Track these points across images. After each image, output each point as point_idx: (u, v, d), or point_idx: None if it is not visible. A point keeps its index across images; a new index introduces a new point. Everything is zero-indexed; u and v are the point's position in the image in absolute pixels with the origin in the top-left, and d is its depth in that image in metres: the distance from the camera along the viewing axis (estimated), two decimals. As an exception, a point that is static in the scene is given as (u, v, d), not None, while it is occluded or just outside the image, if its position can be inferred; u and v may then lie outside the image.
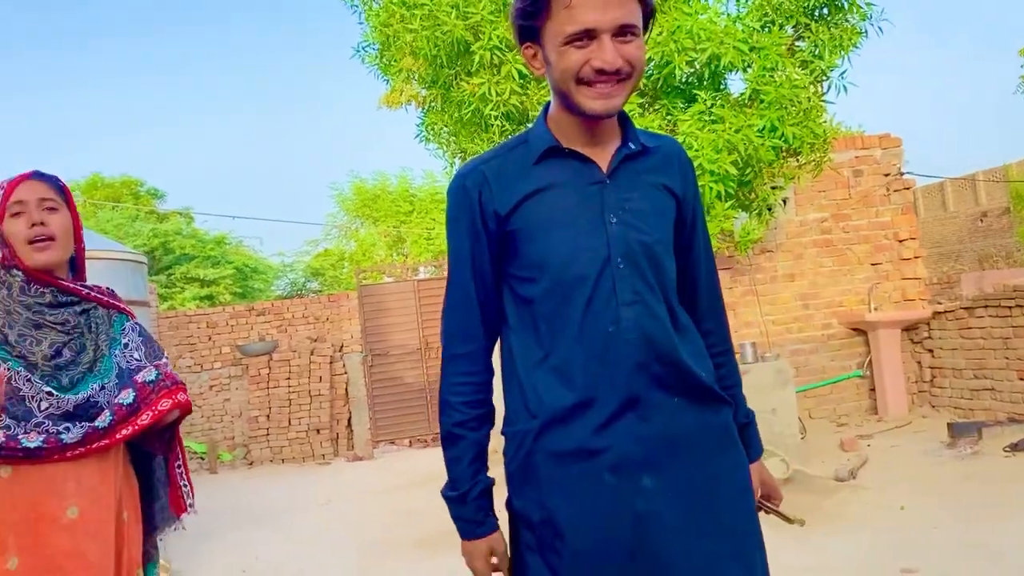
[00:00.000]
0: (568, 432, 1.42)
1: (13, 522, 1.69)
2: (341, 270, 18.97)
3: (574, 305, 1.44)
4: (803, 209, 7.66)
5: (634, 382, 1.42)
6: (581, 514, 1.40)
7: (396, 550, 5.34)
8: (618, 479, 1.40)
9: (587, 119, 1.45)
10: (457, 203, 1.53)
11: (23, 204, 1.87)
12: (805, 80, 5.12)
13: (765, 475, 1.67)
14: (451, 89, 5.60)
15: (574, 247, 1.44)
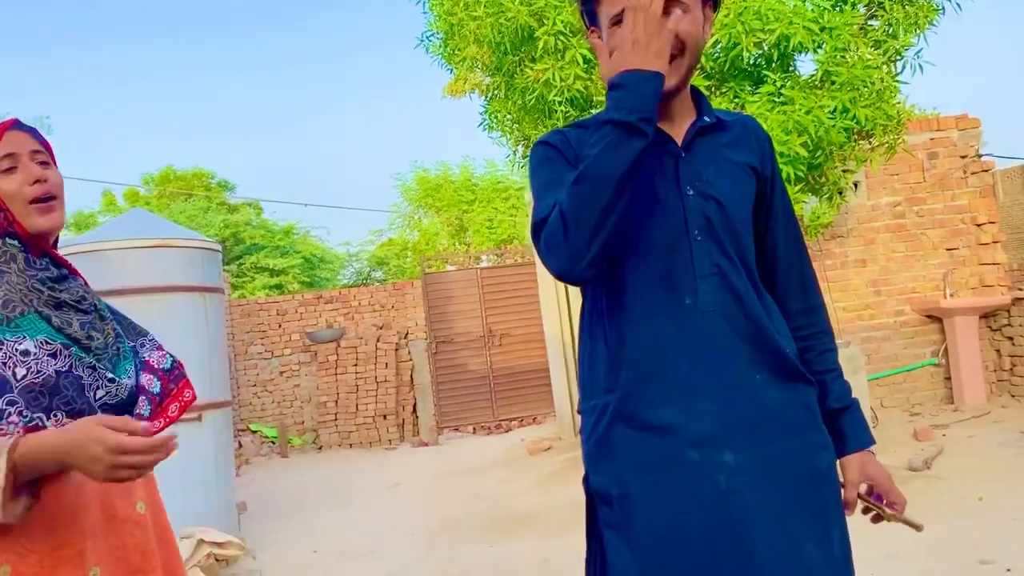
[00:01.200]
0: (646, 407, 1.41)
1: (88, 528, 1.47)
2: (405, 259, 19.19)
3: (651, 277, 1.43)
4: (875, 193, 7.45)
5: (712, 357, 1.40)
6: (661, 489, 1.39)
7: (463, 534, 5.42)
8: (700, 454, 1.38)
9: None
10: (543, 154, 1.50)
11: (15, 158, 1.53)
12: (878, 60, 4.99)
13: (874, 470, 1.55)
14: (515, 76, 5.60)
15: (651, 219, 1.44)
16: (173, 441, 1.37)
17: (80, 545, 1.44)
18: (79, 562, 1.43)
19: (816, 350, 1.56)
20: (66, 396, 1.45)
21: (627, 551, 1.41)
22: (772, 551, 1.36)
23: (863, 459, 1.54)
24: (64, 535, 1.42)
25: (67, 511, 1.44)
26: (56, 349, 1.46)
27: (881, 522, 1.56)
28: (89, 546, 1.45)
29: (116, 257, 4.81)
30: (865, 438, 1.55)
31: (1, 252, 1.52)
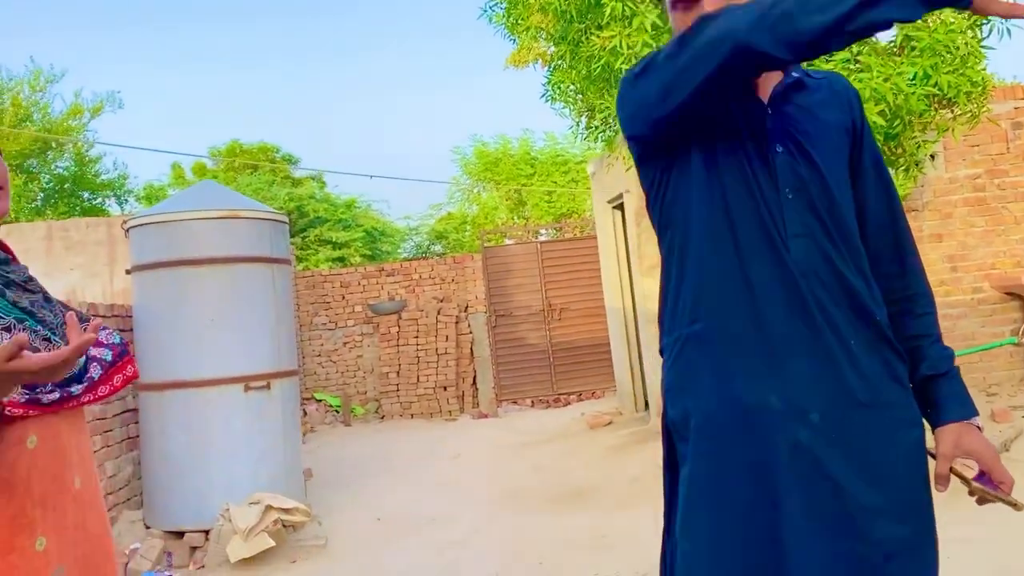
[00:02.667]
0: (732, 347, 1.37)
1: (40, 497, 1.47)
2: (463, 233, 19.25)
3: (740, 233, 1.39)
4: (953, 165, 7.16)
5: (802, 321, 1.35)
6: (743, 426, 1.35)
7: (525, 504, 5.44)
8: (785, 405, 1.34)
9: None
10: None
11: None
12: (962, 24, 4.75)
13: (974, 443, 1.42)
14: (580, 45, 5.50)
15: (741, 174, 1.40)
16: None
17: (32, 514, 1.45)
18: (30, 531, 1.45)
19: (912, 313, 1.48)
20: None
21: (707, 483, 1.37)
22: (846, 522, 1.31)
23: (960, 431, 1.42)
24: (20, 504, 1.44)
25: (20, 481, 1.45)
26: (9, 323, 1.46)
27: (985, 504, 1.44)
28: (39, 516, 1.46)
29: (186, 228, 4.90)
30: (964, 408, 1.43)
31: None
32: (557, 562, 4.18)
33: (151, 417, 4.93)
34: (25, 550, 1.43)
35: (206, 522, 4.74)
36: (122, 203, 19.15)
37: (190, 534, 4.82)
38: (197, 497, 4.77)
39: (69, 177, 17.85)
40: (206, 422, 4.83)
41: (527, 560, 4.25)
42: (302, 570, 4.51)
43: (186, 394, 4.81)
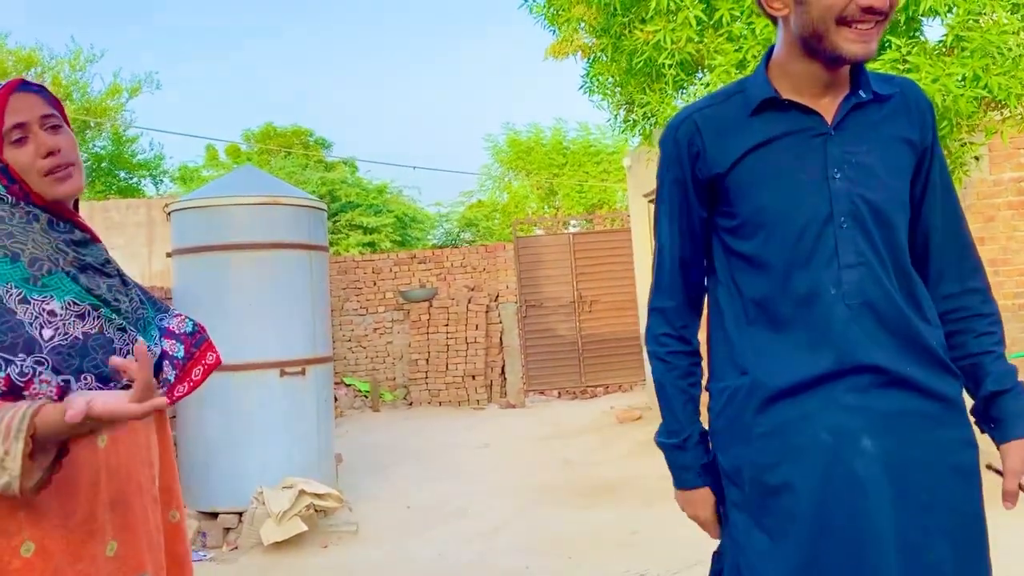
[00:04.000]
0: (782, 394, 1.38)
1: (110, 499, 1.42)
2: (493, 221, 19.24)
3: (790, 265, 1.38)
4: (998, 167, 7.03)
5: (856, 352, 1.35)
6: (795, 472, 1.36)
7: (553, 498, 5.45)
8: (835, 439, 1.34)
9: (834, 65, 1.37)
10: (668, 155, 1.50)
11: (24, 127, 1.44)
12: (1016, 24, 4.65)
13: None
14: (622, 38, 5.47)
15: (794, 203, 1.38)
16: None
17: (102, 519, 1.40)
18: (101, 536, 1.39)
19: (973, 332, 1.47)
20: (95, 359, 1.40)
21: (761, 534, 1.39)
22: (902, 545, 1.31)
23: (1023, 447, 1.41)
24: (89, 508, 1.38)
25: (89, 483, 1.39)
26: (84, 310, 1.41)
27: None
28: (108, 519, 1.41)
29: (227, 213, 4.94)
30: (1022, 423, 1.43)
31: (24, 213, 1.44)
32: (585, 558, 4.19)
33: (188, 399, 4.99)
34: (96, 557, 1.38)
35: (240, 504, 4.80)
36: (157, 183, 19.38)
37: (224, 515, 4.89)
38: (232, 479, 4.83)
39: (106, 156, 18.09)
40: (242, 406, 4.88)
41: (555, 555, 4.26)
42: (333, 555, 4.56)
43: (223, 378, 4.86)
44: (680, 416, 1.51)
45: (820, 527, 1.33)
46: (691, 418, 1.51)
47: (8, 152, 1.44)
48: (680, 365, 1.52)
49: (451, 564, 4.27)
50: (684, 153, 1.46)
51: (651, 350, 1.55)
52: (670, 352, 1.52)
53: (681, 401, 1.51)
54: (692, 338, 1.55)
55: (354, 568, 4.32)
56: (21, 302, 1.36)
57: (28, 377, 1.33)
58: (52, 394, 1.34)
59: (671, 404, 1.52)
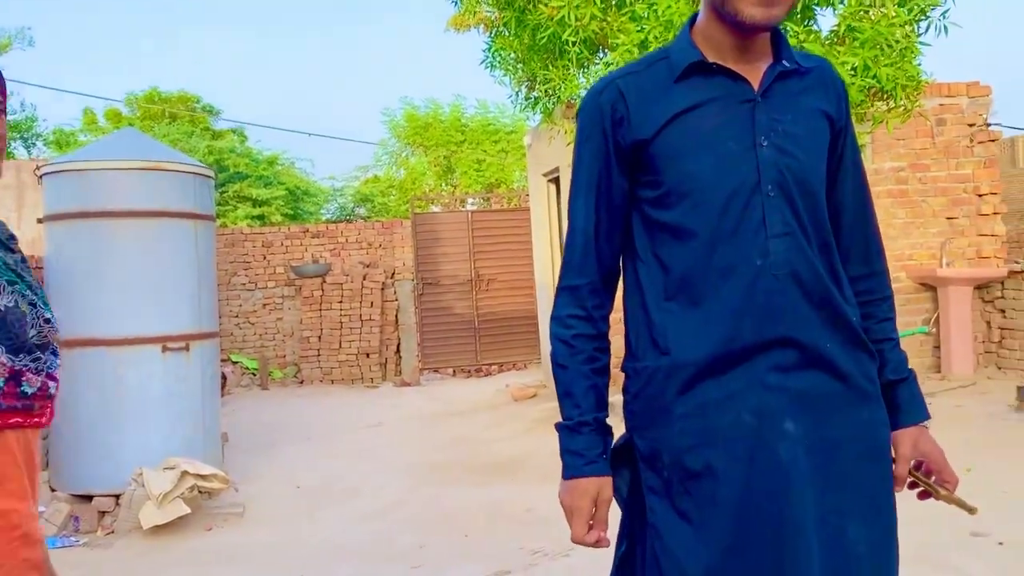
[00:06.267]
0: (703, 372, 1.34)
1: None
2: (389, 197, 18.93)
3: (715, 235, 1.33)
4: (880, 157, 7.36)
5: (780, 323, 1.32)
6: (717, 456, 1.32)
7: (448, 476, 5.39)
8: (759, 421, 1.31)
9: (742, 30, 1.33)
10: (588, 121, 1.43)
11: None
12: (903, 18, 4.84)
13: (928, 446, 1.45)
14: (526, 12, 5.40)
15: (720, 171, 1.33)
16: None
17: None
18: None
19: (877, 317, 1.48)
20: (10, 332, 1.42)
21: (680, 520, 1.35)
22: (820, 524, 1.31)
23: (917, 434, 1.45)
24: None
25: None
26: (1, 285, 1.43)
27: (928, 499, 1.49)
28: None
29: (105, 177, 4.62)
30: (920, 411, 1.47)
31: None
32: (482, 535, 4.15)
33: (59, 375, 4.67)
34: None
35: (118, 487, 4.54)
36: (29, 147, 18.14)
37: (99, 498, 4.61)
38: (108, 461, 4.56)
39: (-30, 115, 16.78)
40: (119, 382, 4.60)
41: (451, 533, 4.21)
42: (218, 538, 4.37)
43: (98, 352, 4.57)
44: (580, 402, 1.42)
45: (743, 512, 1.31)
46: (592, 405, 1.42)
47: None
48: (585, 349, 1.44)
49: (342, 544, 4.15)
50: (607, 119, 1.39)
51: (555, 332, 1.46)
52: (576, 335, 1.44)
53: (583, 387, 1.43)
54: (602, 320, 1.47)
55: (240, 551, 4.14)
56: None
57: None
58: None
59: (571, 389, 1.43)
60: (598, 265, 1.45)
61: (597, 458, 1.42)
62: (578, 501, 1.40)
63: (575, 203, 1.47)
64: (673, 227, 1.37)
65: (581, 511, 1.40)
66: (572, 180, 1.48)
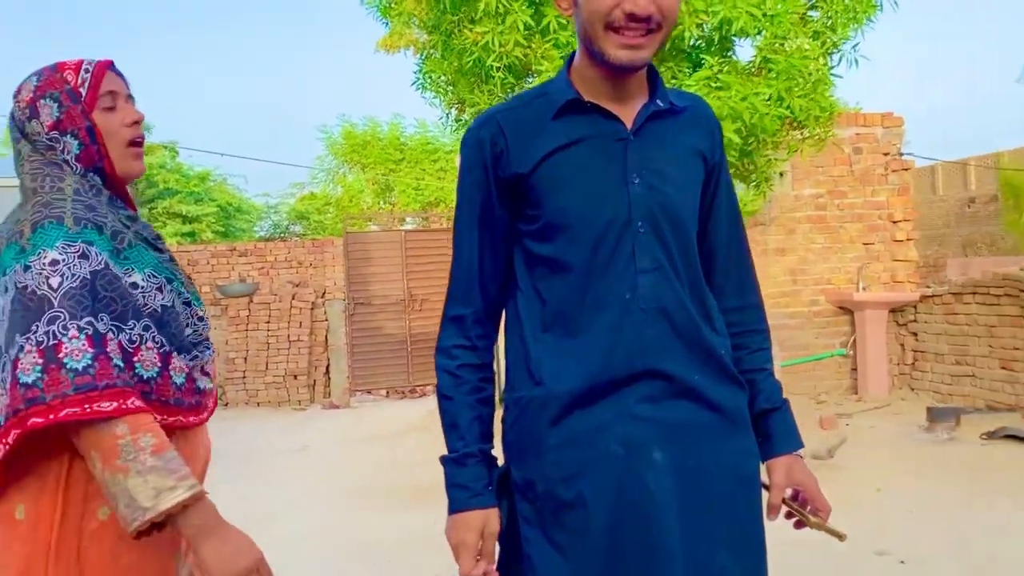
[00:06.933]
0: (574, 403, 1.36)
1: None
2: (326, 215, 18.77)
3: (589, 269, 1.36)
4: (800, 184, 7.58)
5: (648, 356, 1.35)
6: (587, 485, 1.34)
7: (372, 499, 5.32)
8: (627, 451, 1.34)
9: (612, 70, 1.36)
10: (470, 154, 1.45)
11: (115, 96, 1.51)
12: (816, 51, 5.01)
13: (801, 475, 1.48)
14: (452, 36, 5.43)
15: (593, 207, 1.36)
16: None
17: None
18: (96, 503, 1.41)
19: (749, 348, 1.52)
20: (169, 331, 1.46)
21: (553, 550, 1.36)
22: (688, 554, 1.33)
23: (790, 463, 1.49)
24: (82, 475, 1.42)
25: None
26: (161, 283, 1.47)
27: (803, 528, 1.52)
28: None
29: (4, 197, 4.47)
30: (794, 441, 1.51)
31: (90, 186, 1.49)
32: (404, 561, 4.10)
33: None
34: None
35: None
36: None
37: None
38: None
39: None
40: None
41: (370, 559, 4.15)
42: (126, 569, 4.22)
43: None
44: (465, 433, 1.42)
45: (612, 542, 1.32)
46: (477, 436, 1.43)
47: (98, 115, 1.49)
48: (471, 379, 1.45)
49: (256, 574, 4.05)
50: (487, 153, 1.41)
51: (440, 364, 1.47)
52: (461, 365, 1.45)
53: (468, 417, 1.43)
54: (486, 350, 1.48)
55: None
56: (115, 272, 1.40)
57: (136, 344, 1.39)
58: (156, 362, 1.41)
59: (456, 420, 1.43)
60: (482, 295, 1.47)
61: (483, 490, 1.42)
62: (464, 535, 1.39)
63: (459, 235, 1.48)
64: (551, 260, 1.40)
65: (467, 546, 1.39)
66: (456, 212, 1.49)
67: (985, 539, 3.84)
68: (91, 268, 1.36)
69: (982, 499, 4.45)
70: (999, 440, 5.65)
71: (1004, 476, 4.90)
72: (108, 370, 1.31)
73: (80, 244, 1.37)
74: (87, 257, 1.36)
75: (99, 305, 1.35)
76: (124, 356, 1.35)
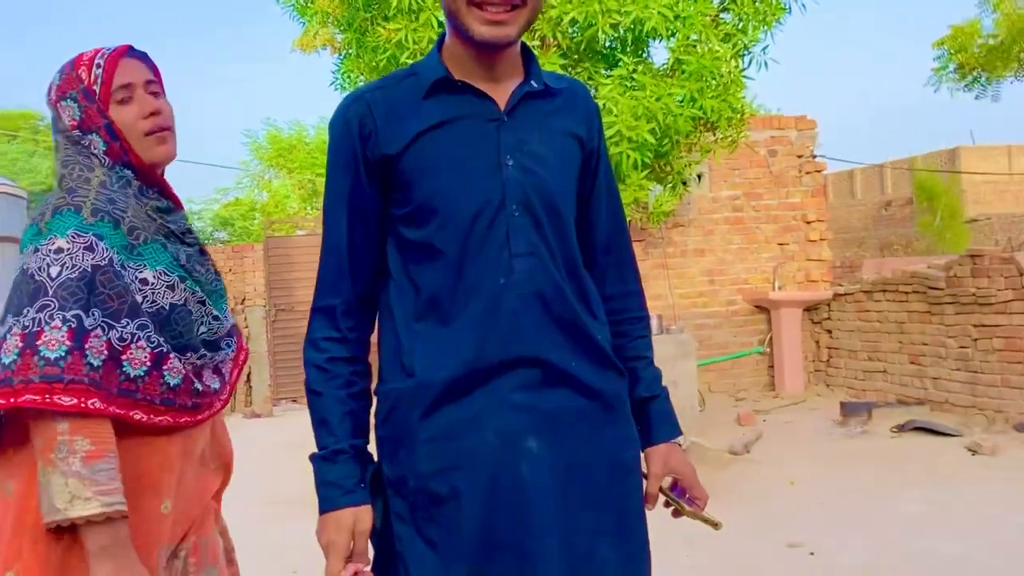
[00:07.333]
0: (447, 393, 1.31)
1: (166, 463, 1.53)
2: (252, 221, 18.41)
3: (463, 253, 1.32)
4: (717, 186, 7.71)
5: (524, 342, 1.31)
6: (461, 479, 1.29)
7: (288, 509, 5.18)
8: (501, 441, 1.29)
9: (479, 48, 1.32)
10: (338, 135, 1.38)
11: (130, 88, 1.52)
12: (727, 53, 5.08)
13: (678, 463, 1.47)
14: (367, 34, 5.35)
15: (466, 189, 1.32)
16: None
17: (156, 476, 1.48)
18: (154, 493, 1.48)
19: (630, 336, 1.49)
20: (175, 330, 1.48)
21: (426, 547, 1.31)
22: (566, 545, 1.30)
23: (668, 451, 1.47)
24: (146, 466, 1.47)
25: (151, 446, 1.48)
26: (173, 281, 1.49)
27: (681, 517, 1.50)
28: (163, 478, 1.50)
29: None
30: (671, 429, 1.49)
31: (119, 178, 1.52)
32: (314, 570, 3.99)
33: None
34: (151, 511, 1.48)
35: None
36: None
37: None
38: None
39: None
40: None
41: (279, 570, 4.03)
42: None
43: None
44: (336, 429, 1.35)
45: (485, 536, 1.28)
46: (348, 432, 1.35)
47: (113, 110, 1.51)
48: (341, 373, 1.37)
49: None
50: (355, 133, 1.35)
51: (308, 357, 1.40)
52: (330, 359, 1.38)
53: (339, 413, 1.36)
54: (358, 343, 1.41)
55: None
56: (120, 268, 1.43)
57: (126, 343, 1.41)
58: (145, 361, 1.43)
59: (326, 416, 1.36)
60: (353, 284, 1.40)
61: (354, 487, 1.35)
62: (333, 535, 1.32)
63: (328, 220, 1.42)
64: (423, 245, 1.35)
65: (337, 546, 1.32)
66: (324, 197, 1.43)
67: (895, 529, 3.93)
68: (94, 262, 1.39)
69: (892, 490, 4.57)
70: (909, 432, 5.82)
71: (914, 467, 5.05)
72: (79, 366, 1.34)
73: (90, 236, 1.41)
74: (93, 250, 1.40)
75: (94, 299, 1.38)
76: (110, 353, 1.38)
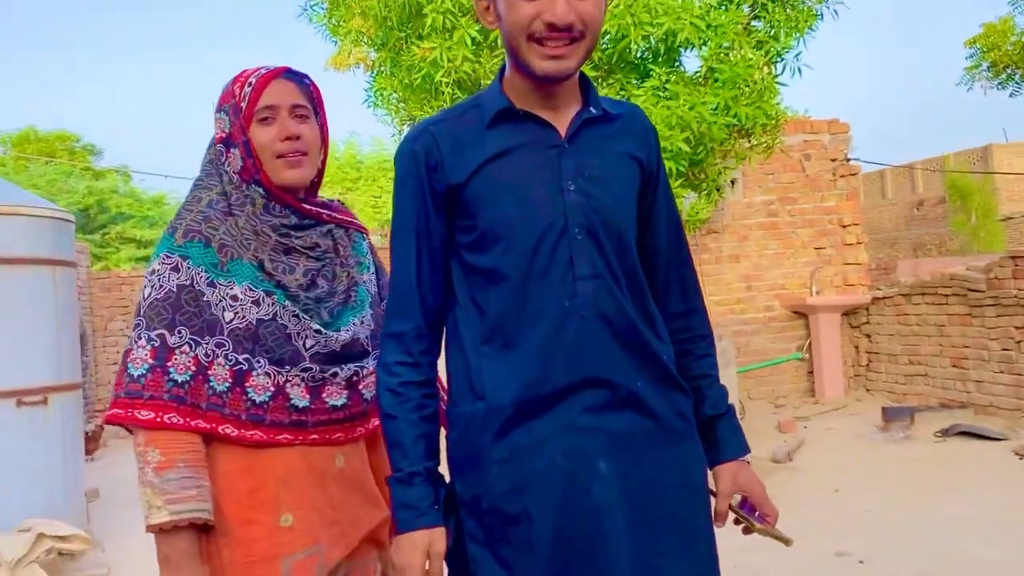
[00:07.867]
0: (517, 416, 1.34)
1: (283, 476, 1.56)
2: (284, 236, 18.59)
3: (527, 277, 1.35)
4: (751, 191, 7.68)
5: (589, 364, 1.33)
6: (532, 500, 1.32)
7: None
8: (572, 463, 1.32)
9: (539, 81, 1.36)
10: (405, 167, 1.43)
11: (274, 110, 1.57)
12: (760, 60, 5.09)
13: (747, 481, 1.48)
14: (401, 53, 5.42)
15: (529, 215, 1.35)
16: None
17: (274, 491, 1.51)
18: (272, 507, 1.50)
19: (694, 355, 1.51)
20: (267, 344, 1.51)
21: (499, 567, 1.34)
22: (636, 566, 1.31)
23: (737, 469, 1.48)
24: (260, 480, 1.50)
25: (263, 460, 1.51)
26: (258, 296, 1.52)
27: (751, 534, 1.51)
28: (282, 493, 1.51)
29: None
30: (740, 447, 1.50)
31: (242, 196, 1.57)
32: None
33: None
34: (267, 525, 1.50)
35: (-35, 555, 4.22)
36: None
37: (-56, 569, 4.27)
38: (-46, 527, 4.24)
39: None
40: (-32, 442, 4.30)
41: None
42: (79, 604, 4.11)
43: (-56, 410, 4.27)
44: (410, 452, 1.38)
45: (558, 556, 1.30)
46: (422, 455, 1.39)
47: (254, 129, 1.57)
48: (414, 396, 1.41)
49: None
50: (422, 165, 1.40)
51: (382, 381, 1.43)
52: (403, 383, 1.41)
53: (413, 435, 1.39)
54: (429, 366, 1.45)
55: (101, 617, 3.90)
56: (208, 285, 1.50)
57: (210, 359, 1.48)
58: (227, 378, 1.49)
59: (400, 439, 1.39)
60: (422, 309, 1.43)
61: (428, 509, 1.38)
62: (410, 557, 1.35)
63: (396, 248, 1.46)
64: (488, 270, 1.38)
65: (413, 567, 1.35)
66: (392, 227, 1.47)
67: (943, 536, 3.90)
68: (179, 281, 1.49)
69: (939, 496, 4.52)
70: (953, 437, 5.75)
71: (959, 473, 4.99)
72: (159, 383, 1.44)
73: (176, 257, 1.50)
74: (178, 271, 1.50)
75: (180, 318, 1.48)
76: (198, 368, 1.47)
